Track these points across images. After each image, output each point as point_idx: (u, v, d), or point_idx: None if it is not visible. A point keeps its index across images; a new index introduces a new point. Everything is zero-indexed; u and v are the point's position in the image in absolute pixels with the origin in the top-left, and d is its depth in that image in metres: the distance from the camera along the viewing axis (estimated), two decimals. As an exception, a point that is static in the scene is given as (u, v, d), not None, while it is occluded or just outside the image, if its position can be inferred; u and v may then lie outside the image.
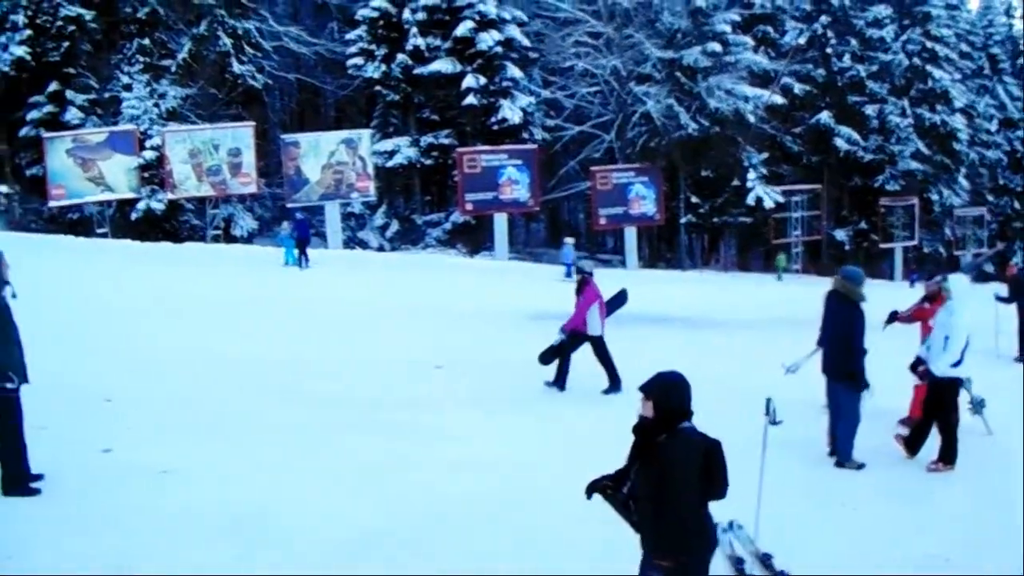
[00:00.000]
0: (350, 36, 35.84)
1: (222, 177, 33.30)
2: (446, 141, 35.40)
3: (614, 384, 10.85)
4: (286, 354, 12.26)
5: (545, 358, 11.25)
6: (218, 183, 33.36)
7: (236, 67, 34.43)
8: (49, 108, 33.79)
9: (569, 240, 30.49)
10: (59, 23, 34.03)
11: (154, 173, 33.13)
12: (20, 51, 33.59)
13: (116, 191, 33.16)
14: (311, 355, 12.32)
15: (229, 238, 33.56)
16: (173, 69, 34.28)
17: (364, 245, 34.58)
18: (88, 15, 34.42)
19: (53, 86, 33.95)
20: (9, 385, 6.79)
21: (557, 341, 11.10)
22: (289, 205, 33.19)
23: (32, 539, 6.17)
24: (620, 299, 12.36)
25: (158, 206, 33.14)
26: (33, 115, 33.85)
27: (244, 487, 7.17)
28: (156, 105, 33.73)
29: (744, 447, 7.40)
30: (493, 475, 7.52)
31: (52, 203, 32.98)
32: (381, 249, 34.61)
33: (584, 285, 11.18)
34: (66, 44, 34.11)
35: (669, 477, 4.40)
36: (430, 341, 13.75)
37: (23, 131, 33.86)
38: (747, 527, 6.13)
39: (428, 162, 35.47)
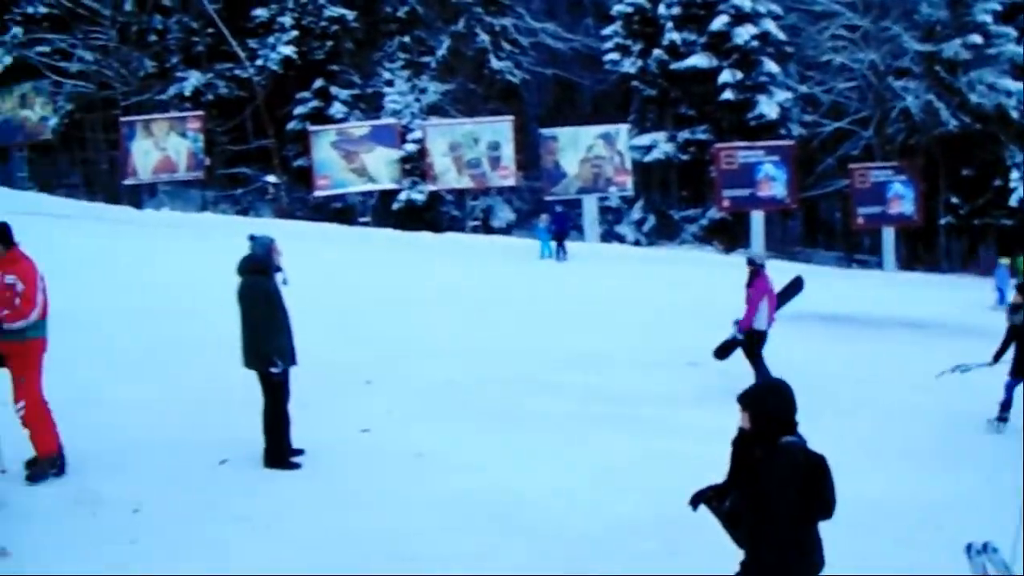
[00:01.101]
0: (606, 31, 36.59)
1: (482, 170, 34.08)
2: (703, 137, 35.58)
3: None
4: (542, 345, 12.61)
5: (720, 353, 11.17)
6: (478, 175, 34.16)
7: (494, 63, 35.50)
8: (315, 103, 35.52)
9: (1004, 260, 27.47)
10: (323, 23, 35.85)
11: (415, 165, 34.23)
12: (287, 50, 35.49)
13: (378, 182, 34.30)
14: (566, 347, 12.57)
15: (488, 229, 34.26)
16: (433, 65, 35.54)
17: (621, 239, 34.85)
18: (350, 15, 36.16)
19: (318, 83, 35.76)
20: (274, 370, 7.29)
21: (731, 336, 11.06)
22: (547, 198, 33.65)
23: (288, 511, 6.66)
24: (796, 287, 12.20)
25: (419, 197, 34.23)
26: (300, 110, 35.61)
27: (496, 475, 7.39)
28: (417, 100, 35.02)
29: (1003, 464, 7.50)
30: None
31: (317, 192, 34.34)
32: (637, 244, 34.83)
33: (755, 277, 11.02)
34: (330, 43, 35.94)
35: (767, 494, 4.18)
36: (685, 338, 13.72)
37: (290, 125, 35.71)
38: (1003, 550, 5.69)
39: (685, 157, 35.65)
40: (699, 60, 35.77)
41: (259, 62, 35.76)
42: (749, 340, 10.86)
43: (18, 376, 6.94)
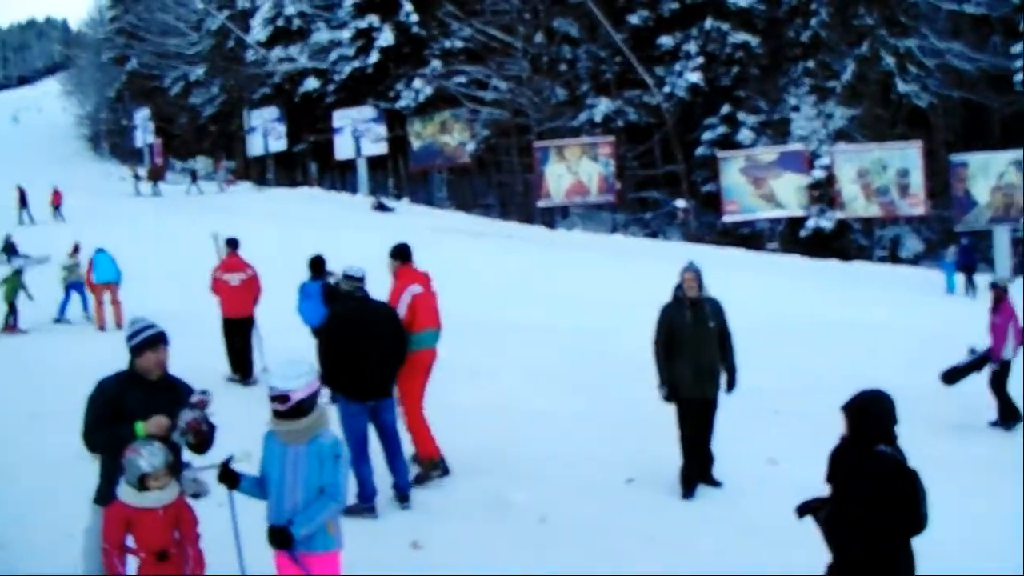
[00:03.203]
0: (1015, 50, 38.08)
1: (890, 197, 37.17)
2: (1115, 163, 36.58)
3: (1005, 419, 10.93)
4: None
5: (949, 377, 11.17)
6: (886, 203, 37.29)
7: (900, 86, 38.33)
8: (722, 129, 40.10)
9: None
10: (727, 50, 40.20)
11: (823, 192, 37.66)
12: (694, 77, 40.21)
13: (786, 208, 38.20)
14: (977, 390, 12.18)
15: (895, 259, 37.03)
16: (838, 90, 38.64)
17: (1028, 274, 36.40)
18: (754, 41, 40.27)
19: (725, 108, 40.18)
20: (663, 395, 8.30)
21: (964, 361, 11.14)
22: (957, 228, 35.55)
23: (691, 535, 7.40)
24: None
25: (827, 224, 37.71)
26: (707, 136, 40.35)
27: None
28: (824, 125, 38.45)
29: None
30: None
31: (726, 218, 38.82)
32: (1046, 279, 36.31)
33: (999, 303, 11.06)
34: (735, 69, 40.22)
35: (855, 500, 4.57)
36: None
37: (698, 151, 40.42)
38: None
39: (1096, 187, 36.84)
40: (1112, 78, 36.78)
41: (667, 89, 40.58)
42: (997, 370, 11.00)
43: (399, 385, 8.32)
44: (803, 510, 5.01)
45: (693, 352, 8.12)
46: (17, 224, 34.94)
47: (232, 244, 13.63)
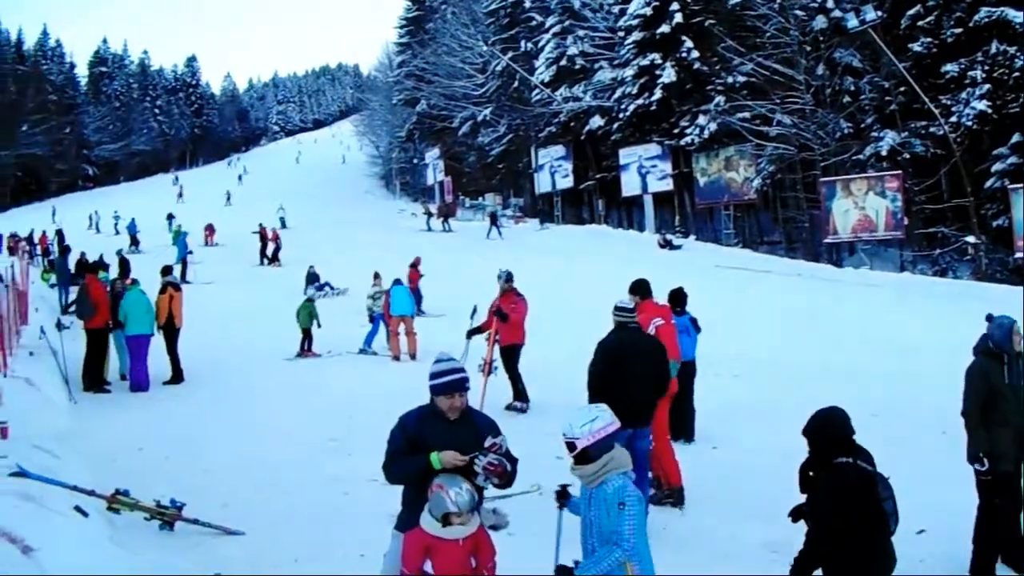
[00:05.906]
0: None
1: None
2: None
3: None
4: None
5: None
6: None
7: None
8: (1013, 159, 43.43)
9: None
10: (1015, 75, 43.58)
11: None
12: (981, 105, 43.77)
13: (1082, 241, 41.12)
14: None
15: None
16: None
17: None
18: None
19: (1015, 137, 43.42)
20: (976, 467, 8.02)
21: None
22: None
23: None
24: None
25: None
26: (997, 167, 43.71)
27: None
28: (1123, 152, 41.38)
29: None
30: None
31: (1018, 254, 41.82)
32: None
33: None
34: (1023, 95, 43.38)
35: (819, 510, 5.48)
36: None
37: (988, 183, 44.01)
38: None
39: None
40: None
41: (953, 118, 44.40)
42: None
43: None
44: (795, 515, 5.94)
45: (1014, 418, 7.85)
46: (257, 264, 44.64)
47: (510, 277, 15.84)
